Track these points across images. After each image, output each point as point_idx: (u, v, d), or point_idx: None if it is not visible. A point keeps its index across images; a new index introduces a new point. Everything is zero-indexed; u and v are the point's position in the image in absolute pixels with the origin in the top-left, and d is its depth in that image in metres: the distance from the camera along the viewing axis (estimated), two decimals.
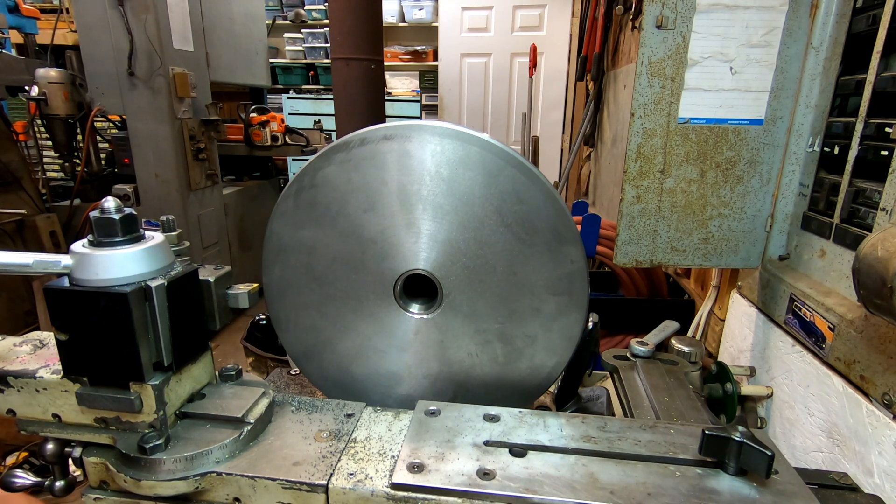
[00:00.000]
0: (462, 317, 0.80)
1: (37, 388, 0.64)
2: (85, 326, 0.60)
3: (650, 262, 1.30)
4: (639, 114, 1.20)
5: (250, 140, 4.36)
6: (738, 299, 1.40)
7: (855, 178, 1.03)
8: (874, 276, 0.73)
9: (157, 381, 0.62)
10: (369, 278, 0.80)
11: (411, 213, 0.76)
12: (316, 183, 0.78)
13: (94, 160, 3.55)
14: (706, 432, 0.62)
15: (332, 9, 2.97)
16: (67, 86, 3.34)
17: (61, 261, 0.59)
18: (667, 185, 1.24)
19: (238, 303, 0.75)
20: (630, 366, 1.08)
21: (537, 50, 4.44)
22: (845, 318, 0.97)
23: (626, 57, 3.18)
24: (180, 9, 3.44)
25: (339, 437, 0.69)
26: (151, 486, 0.61)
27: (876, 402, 0.90)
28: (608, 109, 3.61)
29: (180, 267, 0.66)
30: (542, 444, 0.67)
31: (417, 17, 6.53)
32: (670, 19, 1.14)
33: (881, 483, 0.87)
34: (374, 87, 3.12)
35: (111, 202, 0.60)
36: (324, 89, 6.80)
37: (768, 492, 0.60)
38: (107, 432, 0.65)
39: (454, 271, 0.78)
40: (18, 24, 3.41)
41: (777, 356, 1.21)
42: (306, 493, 0.61)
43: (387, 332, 0.82)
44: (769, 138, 1.20)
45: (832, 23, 1.10)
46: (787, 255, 1.24)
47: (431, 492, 0.60)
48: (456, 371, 0.83)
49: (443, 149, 0.74)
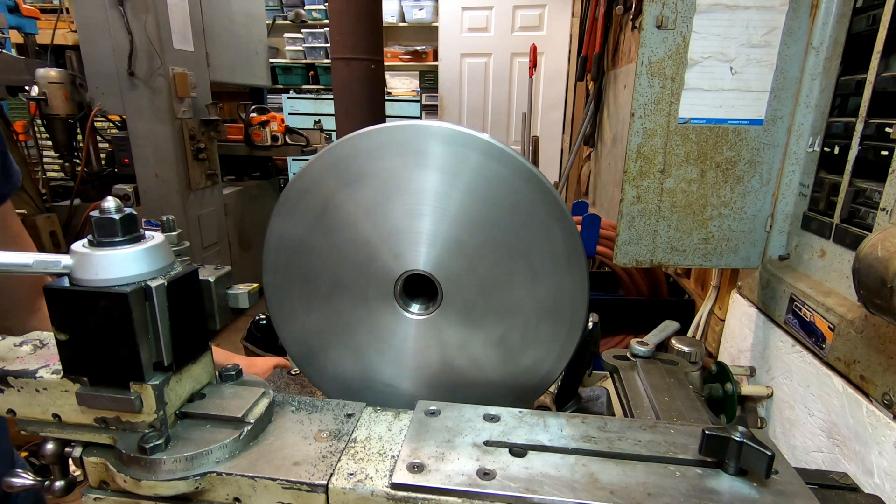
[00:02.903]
0: (462, 316, 0.80)
1: (37, 388, 0.64)
2: (85, 326, 0.60)
3: (650, 262, 1.30)
4: (639, 114, 1.20)
5: (250, 140, 4.36)
6: (738, 299, 1.40)
7: (855, 178, 1.03)
8: (874, 276, 0.73)
9: (157, 381, 0.62)
10: (369, 278, 0.80)
11: (411, 213, 0.76)
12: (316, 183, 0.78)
13: (94, 160, 3.55)
14: (706, 432, 0.62)
15: (332, 9, 2.97)
16: (67, 86, 3.34)
17: (61, 261, 0.59)
18: (667, 185, 1.24)
19: (238, 303, 0.75)
20: (630, 366, 1.07)
21: (537, 50, 4.44)
22: (845, 318, 0.97)
23: (626, 57, 3.18)
24: (180, 9, 3.44)
25: (339, 437, 0.69)
26: (151, 486, 0.61)
27: (876, 402, 0.90)
28: (608, 109, 3.61)
29: (180, 267, 0.65)
30: (542, 444, 0.67)
31: (417, 17, 6.52)
32: (670, 19, 1.14)
33: (881, 483, 0.87)
34: (374, 87, 3.12)
35: (111, 202, 0.60)
36: (324, 89, 6.80)
37: (768, 492, 0.60)
38: (107, 432, 0.65)
39: (454, 271, 0.78)
40: (18, 24, 3.40)
41: (777, 356, 1.21)
42: (306, 493, 0.61)
43: (387, 332, 0.82)
44: (769, 138, 1.20)
45: (832, 23, 1.10)
46: (787, 255, 1.24)
47: (431, 492, 0.60)
48: (456, 371, 0.83)
49: (443, 149, 0.74)
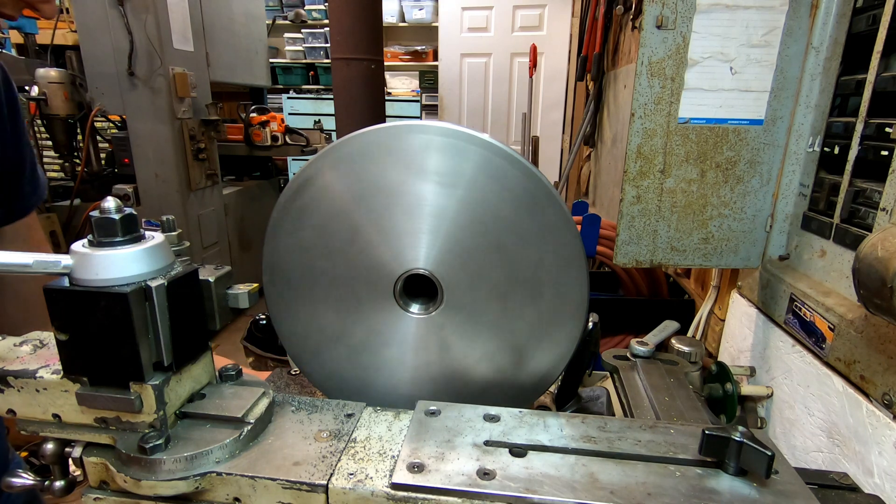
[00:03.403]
0: (462, 316, 0.80)
1: (37, 388, 0.64)
2: (85, 326, 0.60)
3: (650, 262, 1.30)
4: (639, 114, 1.20)
5: (250, 140, 4.36)
6: (738, 299, 1.40)
7: (855, 178, 1.03)
8: (874, 276, 0.73)
9: (157, 381, 0.62)
10: (370, 278, 0.80)
11: (412, 213, 0.76)
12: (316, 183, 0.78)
13: (94, 160, 3.55)
14: (706, 432, 0.62)
15: (332, 9, 2.97)
16: (67, 86, 3.34)
17: (61, 261, 0.59)
18: (667, 185, 1.24)
19: (238, 303, 0.75)
20: (630, 366, 1.07)
21: (537, 50, 4.44)
22: (845, 318, 0.97)
23: (626, 57, 3.18)
24: (180, 9, 3.44)
25: (340, 437, 0.69)
26: (151, 486, 0.61)
27: (876, 403, 0.90)
28: (608, 109, 3.61)
29: (180, 267, 0.65)
30: (542, 444, 0.67)
31: (417, 17, 6.53)
32: (670, 19, 1.14)
33: (881, 483, 0.87)
34: (374, 87, 3.12)
35: (111, 202, 0.60)
36: (324, 89, 6.81)
37: (768, 492, 0.60)
38: (107, 432, 0.65)
39: (454, 271, 0.78)
40: (18, 24, 3.41)
41: (777, 356, 1.21)
42: (306, 493, 0.61)
43: (387, 332, 0.82)
44: (769, 138, 1.20)
45: (832, 23, 1.10)
46: (787, 255, 1.24)
47: (431, 492, 0.60)
48: (456, 370, 0.83)
49: (443, 149, 0.74)
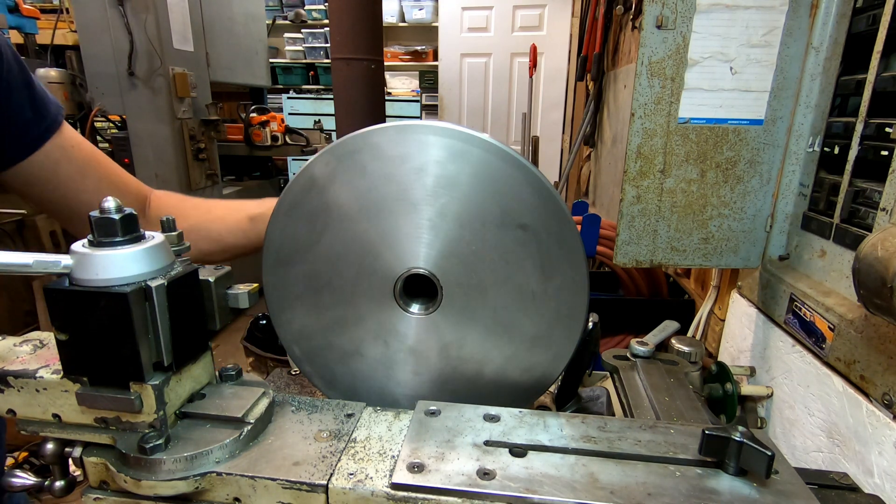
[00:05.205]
0: (462, 316, 0.80)
1: (37, 388, 0.64)
2: (85, 326, 0.60)
3: (650, 262, 1.30)
4: (639, 114, 1.20)
5: (250, 140, 4.36)
6: (738, 299, 1.40)
7: (855, 178, 1.03)
8: (874, 276, 0.73)
9: (157, 381, 0.62)
10: (369, 278, 0.80)
11: (412, 213, 0.76)
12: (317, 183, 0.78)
13: None
14: (706, 432, 0.62)
15: (332, 9, 2.97)
16: (67, 86, 3.34)
17: (61, 261, 0.59)
18: (667, 185, 1.24)
19: (238, 303, 0.75)
20: (630, 366, 1.07)
21: (537, 50, 4.45)
22: (845, 318, 0.97)
23: (626, 57, 3.18)
24: (180, 9, 3.44)
25: (339, 437, 0.69)
26: (151, 486, 0.61)
27: (876, 403, 0.90)
28: (608, 109, 3.61)
29: (180, 267, 0.65)
30: (542, 444, 0.67)
31: (417, 17, 6.53)
32: (670, 19, 1.14)
33: (881, 483, 0.87)
34: (374, 87, 3.12)
35: (111, 202, 0.60)
36: (324, 89, 6.81)
37: (768, 492, 0.60)
38: (107, 432, 0.65)
39: (454, 271, 0.78)
40: (18, 24, 3.40)
41: (777, 356, 1.21)
42: (306, 493, 0.61)
43: (387, 332, 0.82)
44: (769, 138, 1.20)
45: (832, 23, 1.10)
46: (787, 255, 1.24)
47: (431, 492, 0.60)
48: (456, 370, 0.83)
49: (444, 149, 0.74)
